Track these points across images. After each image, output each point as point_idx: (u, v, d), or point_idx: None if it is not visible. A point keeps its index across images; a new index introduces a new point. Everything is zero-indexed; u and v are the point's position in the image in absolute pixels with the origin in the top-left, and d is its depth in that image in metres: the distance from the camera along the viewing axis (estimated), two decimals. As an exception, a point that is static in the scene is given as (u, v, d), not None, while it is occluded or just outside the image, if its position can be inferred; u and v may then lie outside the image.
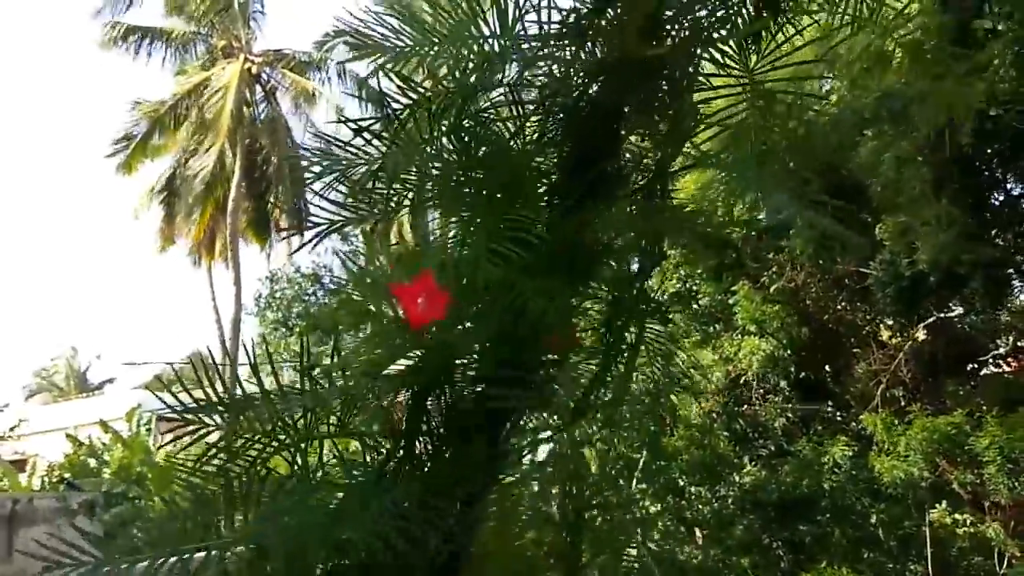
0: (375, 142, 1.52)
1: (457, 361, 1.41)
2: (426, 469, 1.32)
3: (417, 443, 1.35)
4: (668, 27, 1.45)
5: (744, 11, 1.55)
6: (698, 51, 1.53)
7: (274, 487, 1.24)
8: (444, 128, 1.47)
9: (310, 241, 1.47)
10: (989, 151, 7.63)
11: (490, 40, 1.41)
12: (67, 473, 12.09)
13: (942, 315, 9.37)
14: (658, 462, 10.41)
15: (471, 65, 1.42)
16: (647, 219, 1.56)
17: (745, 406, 11.41)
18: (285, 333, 26.54)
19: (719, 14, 1.52)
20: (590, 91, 1.48)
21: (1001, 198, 9.19)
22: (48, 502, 6.32)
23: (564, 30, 1.47)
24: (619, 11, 1.45)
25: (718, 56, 1.56)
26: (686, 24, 1.48)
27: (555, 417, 1.41)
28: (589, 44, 1.48)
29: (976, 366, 10.88)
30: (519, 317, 1.27)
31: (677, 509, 10.64)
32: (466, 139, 1.48)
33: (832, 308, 10.76)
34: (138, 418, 15.52)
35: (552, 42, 1.46)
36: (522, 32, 1.44)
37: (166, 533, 1.17)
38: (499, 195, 1.38)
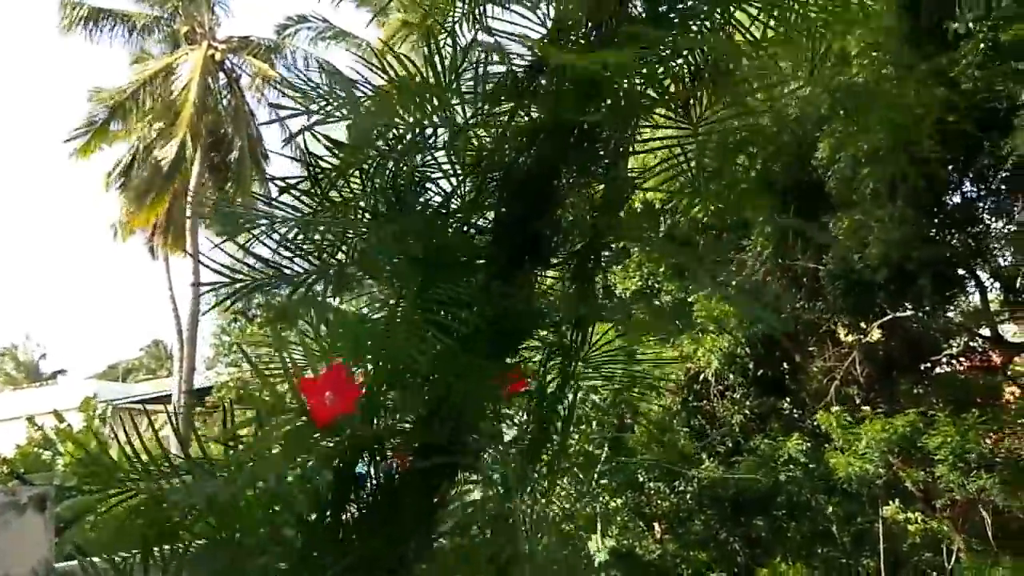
0: (304, 199, 1.50)
1: (379, 442, 1.38)
2: (354, 537, 1.31)
3: (344, 513, 1.33)
4: (603, 93, 1.44)
5: (683, 73, 1.55)
6: (634, 116, 1.53)
7: (195, 556, 1.21)
8: (377, 187, 1.45)
9: (230, 297, 1.42)
10: (948, 154, 7.78)
11: (427, 99, 1.39)
12: (19, 466, 11.81)
13: (896, 314, 9.55)
14: (618, 458, 10.48)
15: (405, 125, 1.39)
16: (575, 300, 1.56)
17: (704, 402, 11.54)
18: (244, 323, 26.22)
19: (656, 78, 1.51)
20: (525, 154, 1.46)
21: (956, 199, 9.38)
22: (-4, 496, 6.11)
23: (501, 92, 1.46)
24: (553, 76, 1.43)
25: (656, 119, 1.57)
26: (621, 91, 1.47)
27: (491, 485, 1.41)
28: (525, 106, 1.46)
29: (929, 365, 11.12)
30: (445, 396, 1.26)
31: (636, 504, 10.72)
32: (399, 198, 1.46)
33: (790, 306, 10.91)
34: (93, 408, 15.23)
35: (488, 104, 1.44)
36: (459, 92, 1.43)
37: None
38: (430, 259, 1.36)
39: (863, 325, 10.37)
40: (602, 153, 1.55)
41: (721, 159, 1.60)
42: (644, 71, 1.43)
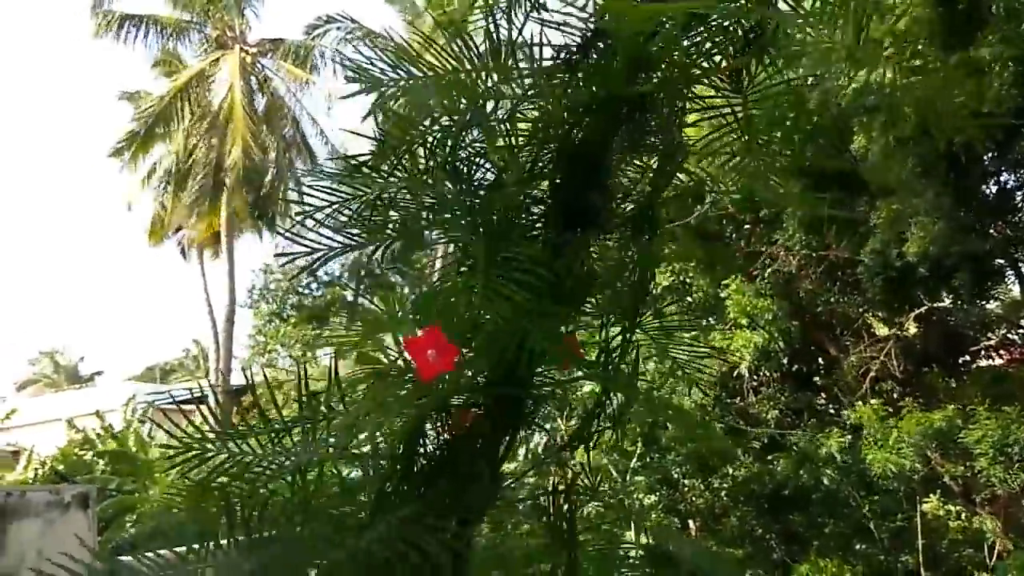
0: (373, 175, 1.55)
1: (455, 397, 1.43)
2: (424, 490, 1.35)
3: (415, 465, 1.37)
4: (654, 64, 1.47)
5: (731, 45, 1.57)
6: (685, 88, 1.56)
7: (276, 509, 1.25)
8: (439, 161, 1.50)
9: (310, 267, 1.48)
10: (985, 142, 7.65)
11: (483, 75, 1.44)
12: (60, 465, 12.07)
13: (934, 306, 9.40)
14: (653, 454, 10.45)
15: (465, 100, 1.44)
16: (634, 255, 1.59)
17: (737, 399, 11.46)
18: (279, 325, 26.51)
19: (705, 49, 1.54)
20: (579, 126, 1.50)
21: (993, 189, 9.21)
22: (41, 495, 6.28)
23: (554, 66, 1.50)
24: (606, 49, 1.47)
25: (706, 89, 1.59)
26: (672, 62, 1.50)
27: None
28: (578, 80, 1.50)
29: (967, 359, 10.94)
30: (518, 352, 1.30)
31: (671, 501, 10.68)
32: (460, 171, 1.51)
33: (824, 300, 10.78)
34: (132, 408, 15.54)
35: (543, 78, 1.48)
36: (514, 67, 1.47)
37: (168, 559, 1.17)
38: (494, 227, 1.41)
39: (899, 319, 10.23)
40: (654, 123, 1.58)
41: (767, 133, 1.61)
42: (693, 42, 1.47)
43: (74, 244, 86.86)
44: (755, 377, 11.00)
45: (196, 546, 1.18)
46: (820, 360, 11.51)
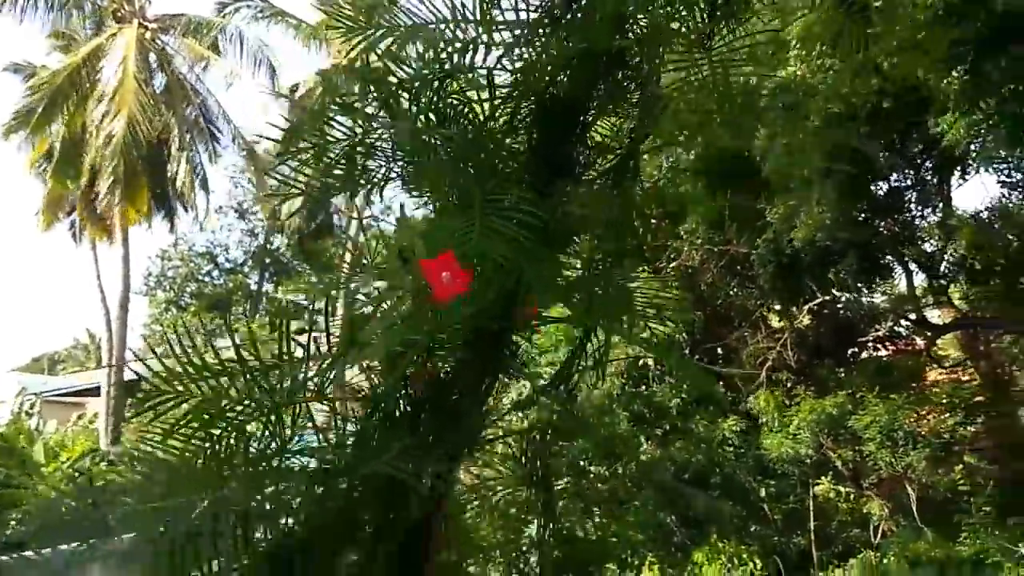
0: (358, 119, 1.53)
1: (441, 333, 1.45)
2: (409, 429, 1.36)
3: (398, 406, 1.38)
4: (632, 22, 1.52)
5: (700, 9, 1.64)
6: (660, 45, 1.61)
7: (256, 452, 1.24)
8: (423, 106, 1.51)
9: (301, 209, 1.45)
10: (880, 141, 8.07)
11: (469, 25, 1.46)
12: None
13: (824, 298, 9.86)
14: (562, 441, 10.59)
15: (450, 48, 1.46)
16: (616, 199, 1.65)
17: (642, 387, 11.74)
18: (176, 313, 25.64)
19: (678, 10, 1.60)
20: (560, 78, 1.54)
21: (885, 188, 9.72)
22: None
23: (538, 20, 1.53)
24: (588, 4, 1.51)
25: (678, 46, 1.65)
26: (648, 19, 1.55)
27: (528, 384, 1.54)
28: (561, 34, 1.54)
29: (856, 350, 11.53)
30: (512, 286, 1.34)
31: (577, 489, 10.86)
32: (444, 118, 1.52)
33: (724, 293, 11.17)
34: (21, 401, 14.79)
35: (526, 31, 1.51)
36: (499, 18, 1.49)
37: (150, 497, 1.14)
38: (484, 170, 1.44)
39: (794, 311, 10.69)
40: (631, 76, 1.63)
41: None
42: (668, 2, 1.52)
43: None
44: (659, 367, 11.30)
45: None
46: (719, 351, 11.92)
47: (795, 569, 9.22)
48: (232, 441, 1.23)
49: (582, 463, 10.76)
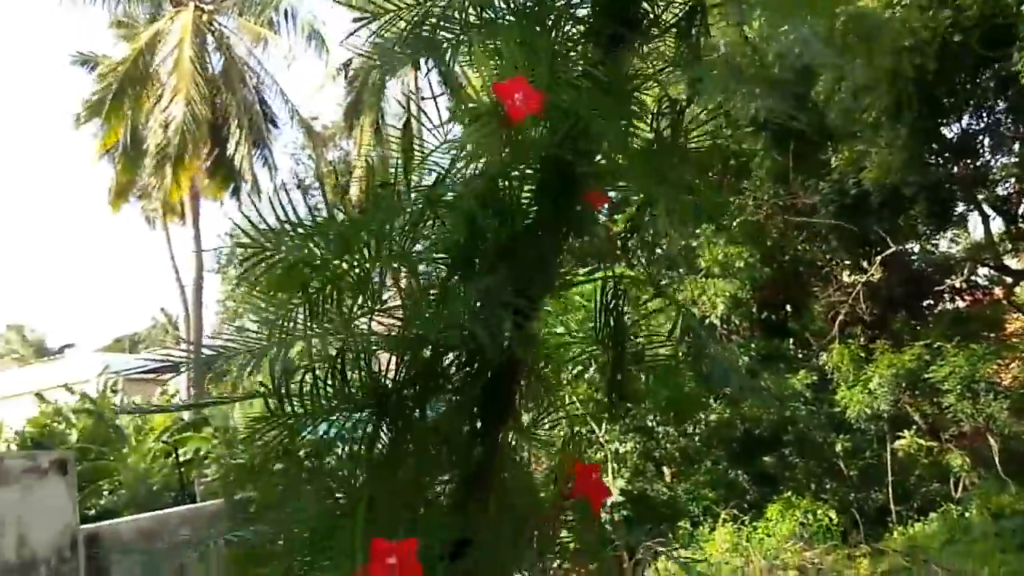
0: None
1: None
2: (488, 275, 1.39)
3: (474, 261, 1.41)
4: None
5: None
6: None
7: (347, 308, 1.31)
8: None
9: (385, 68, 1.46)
10: (950, 82, 7.74)
11: None
12: (33, 437, 11.97)
13: (897, 247, 9.55)
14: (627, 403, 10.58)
15: None
16: (685, 55, 1.61)
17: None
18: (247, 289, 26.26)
19: None
20: None
21: (956, 129, 9.35)
22: (18, 462, 6.23)
23: None
24: None
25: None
26: None
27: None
28: None
29: (931, 301, 11.20)
30: (580, 137, 1.36)
31: (646, 448, 10.85)
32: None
33: (793, 248, 10.93)
34: (104, 380, 15.40)
35: None
36: None
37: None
38: (549, 25, 1.45)
39: (865, 264, 10.41)
40: None
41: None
42: None
43: (33, 215, 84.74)
44: (726, 326, 11.17)
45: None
46: (788, 308, 11.71)
47: (872, 524, 9.08)
48: (328, 295, 1.30)
49: (651, 424, 10.76)
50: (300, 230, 1.31)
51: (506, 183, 1.41)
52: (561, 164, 1.39)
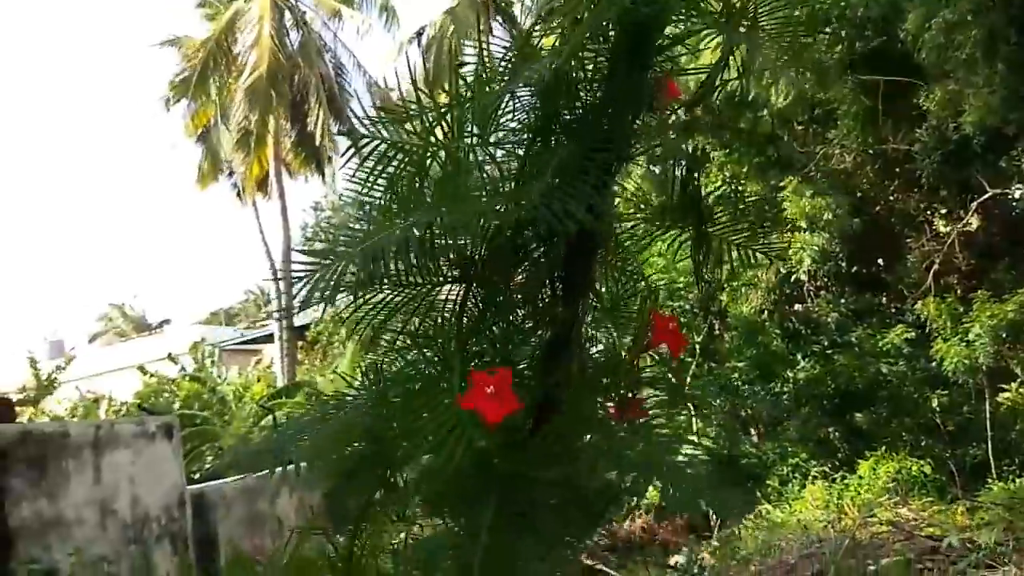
0: None
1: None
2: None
3: (550, 139, 1.45)
4: None
5: None
6: None
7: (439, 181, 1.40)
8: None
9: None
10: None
11: None
12: (140, 403, 12.64)
13: (999, 191, 9.06)
14: (710, 364, 10.49)
15: None
16: None
17: (796, 305, 11.37)
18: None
19: None
20: None
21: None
22: (128, 427, 6.64)
23: None
24: None
25: None
26: None
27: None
28: None
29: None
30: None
31: (732, 407, 10.73)
32: None
33: (884, 197, 10.52)
34: (202, 352, 16.10)
35: None
36: None
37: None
38: None
39: (961, 213, 9.95)
40: None
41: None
42: None
43: (125, 195, 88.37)
44: (814, 281, 10.89)
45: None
46: (880, 260, 11.31)
47: (971, 480, 8.79)
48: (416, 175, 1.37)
49: (736, 383, 10.63)
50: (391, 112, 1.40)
51: (582, 54, 1.42)
52: (637, 26, 1.39)
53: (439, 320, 1.41)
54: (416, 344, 1.42)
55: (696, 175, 1.52)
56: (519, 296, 1.44)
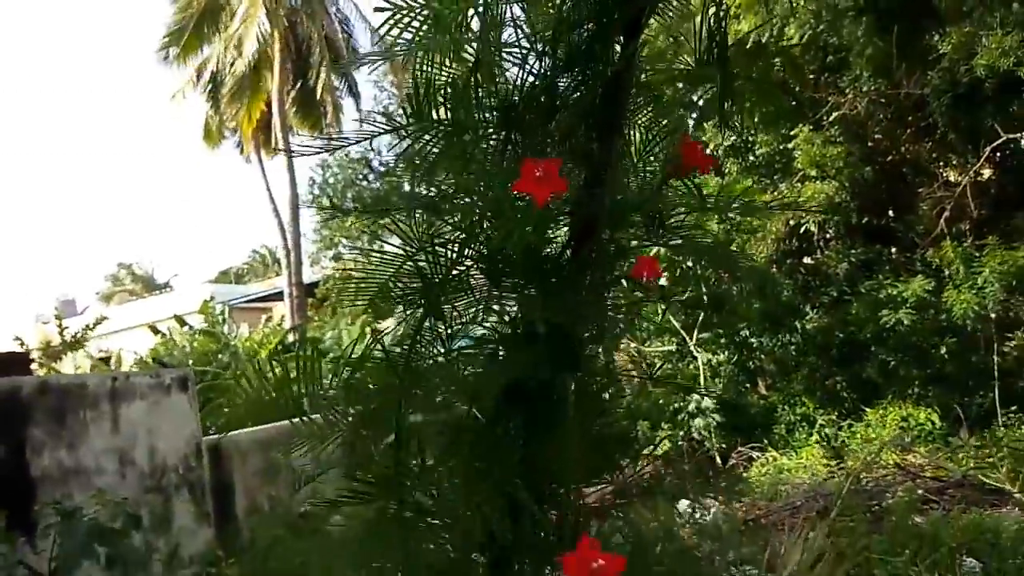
0: None
1: None
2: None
3: None
4: None
5: None
6: None
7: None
8: None
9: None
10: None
11: None
12: (155, 357, 12.75)
13: (1011, 135, 8.94)
14: (720, 312, 10.47)
15: None
16: None
17: (805, 257, 11.33)
18: (341, 218, 26.87)
19: None
20: None
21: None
22: (144, 379, 6.71)
23: None
24: None
25: None
26: None
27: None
28: None
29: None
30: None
31: (740, 359, 10.75)
32: None
33: (896, 146, 10.42)
34: (212, 310, 16.16)
35: None
36: None
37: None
38: None
39: (973, 161, 9.86)
40: None
41: None
42: None
43: (132, 154, 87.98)
44: (823, 232, 10.85)
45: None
46: (890, 211, 11.24)
47: (977, 428, 8.84)
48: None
49: (744, 334, 10.63)
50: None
51: None
52: None
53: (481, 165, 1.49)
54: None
55: (724, 22, 1.56)
56: (557, 137, 1.50)
